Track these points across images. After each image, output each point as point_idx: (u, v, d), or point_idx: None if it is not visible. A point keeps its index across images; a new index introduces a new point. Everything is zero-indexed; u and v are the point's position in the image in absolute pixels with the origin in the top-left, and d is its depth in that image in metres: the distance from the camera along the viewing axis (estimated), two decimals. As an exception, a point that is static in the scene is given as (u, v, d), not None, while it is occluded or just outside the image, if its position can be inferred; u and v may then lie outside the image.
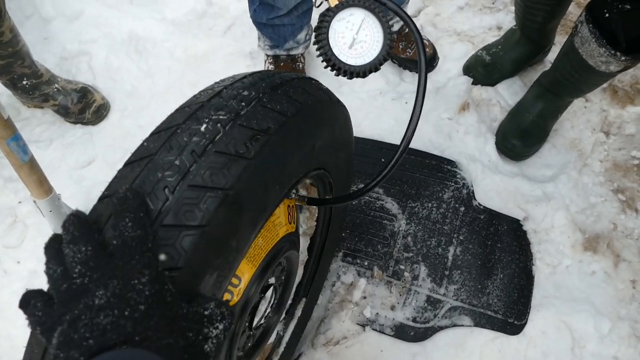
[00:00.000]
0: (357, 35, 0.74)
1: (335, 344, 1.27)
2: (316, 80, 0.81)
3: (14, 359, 1.29)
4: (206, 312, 0.48)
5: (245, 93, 0.65)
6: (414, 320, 1.29)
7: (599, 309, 1.33)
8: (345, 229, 1.40)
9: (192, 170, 0.57)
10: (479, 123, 1.53)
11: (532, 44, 1.55)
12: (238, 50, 1.73)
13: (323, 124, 0.79)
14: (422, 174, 1.47)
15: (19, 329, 1.32)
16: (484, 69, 1.58)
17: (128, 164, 0.61)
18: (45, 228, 1.42)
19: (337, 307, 1.30)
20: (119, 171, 0.61)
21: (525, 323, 1.30)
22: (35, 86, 1.53)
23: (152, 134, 0.64)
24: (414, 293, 1.32)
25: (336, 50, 0.74)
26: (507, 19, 1.76)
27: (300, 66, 1.59)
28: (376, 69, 0.76)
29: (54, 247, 0.53)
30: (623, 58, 1.17)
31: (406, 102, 1.60)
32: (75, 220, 0.53)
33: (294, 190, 0.91)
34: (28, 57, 1.48)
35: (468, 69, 1.62)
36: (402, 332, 1.28)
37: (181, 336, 0.45)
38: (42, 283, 1.36)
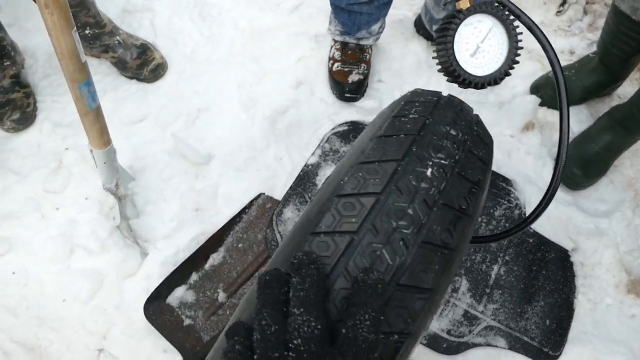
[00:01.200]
0: (482, 43, 0.70)
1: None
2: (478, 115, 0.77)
3: (42, 303, 1.28)
4: None
5: (453, 132, 0.63)
6: (449, 332, 1.27)
7: (635, 354, 1.30)
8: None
9: (425, 223, 0.54)
10: (541, 145, 1.50)
11: (607, 74, 1.50)
12: (303, 31, 1.69)
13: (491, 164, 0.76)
14: (476, 187, 1.44)
15: (51, 275, 1.30)
16: (553, 92, 1.54)
17: (343, 195, 0.56)
18: (91, 179, 1.40)
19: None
20: (330, 201, 0.57)
21: (560, 355, 1.28)
22: (97, 36, 1.50)
23: (363, 163, 0.59)
24: (452, 305, 1.30)
25: (458, 56, 0.71)
26: (580, 45, 1.72)
27: (368, 57, 1.56)
28: (496, 83, 0.73)
29: (276, 290, 0.47)
30: None
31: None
32: (313, 275, 0.47)
33: None
34: (93, 6, 1.45)
35: (537, 89, 1.58)
36: (435, 343, 1.25)
37: None
38: (80, 234, 1.33)
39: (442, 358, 1.26)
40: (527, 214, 1.41)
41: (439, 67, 0.73)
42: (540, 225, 1.42)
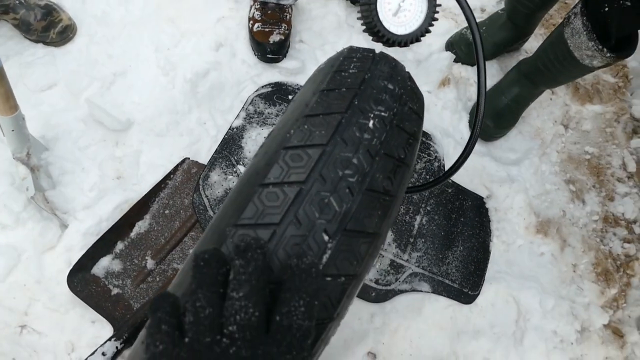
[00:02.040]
0: (403, 3, 0.72)
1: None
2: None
3: None
4: None
5: (390, 87, 0.64)
6: (376, 282, 1.33)
7: (544, 288, 1.43)
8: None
9: (369, 172, 0.56)
10: (457, 100, 1.57)
11: (515, 30, 1.59)
12: (222, -10, 1.64)
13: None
14: (398, 142, 1.49)
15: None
16: (467, 48, 1.61)
17: (290, 147, 0.56)
18: (1, 152, 1.31)
19: (304, 262, 1.30)
20: (278, 153, 0.56)
21: (478, 294, 1.37)
22: (-6, -6, 1.38)
23: (308, 116, 0.60)
24: (379, 256, 1.35)
25: (381, 16, 0.72)
26: (490, 3, 1.80)
27: (288, 17, 1.54)
28: (417, 40, 0.75)
29: (214, 269, 0.44)
30: (608, 55, 1.22)
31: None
32: (259, 260, 0.44)
33: None
34: (-13, -39, 1.34)
35: (451, 46, 1.64)
36: (364, 293, 1.31)
37: None
38: None
39: (370, 306, 1.32)
40: (446, 166, 1.49)
41: (364, 27, 0.74)
42: (458, 175, 1.49)
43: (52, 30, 1.45)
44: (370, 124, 0.59)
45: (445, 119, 1.54)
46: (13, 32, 1.48)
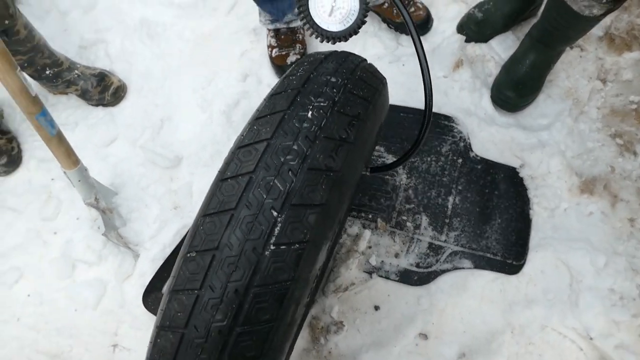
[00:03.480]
0: (334, 3, 0.82)
1: (344, 290, 1.37)
2: (369, 63, 0.90)
3: (57, 317, 1.44)
4: None
5: (333, 80, 0.76)
6: (417, 265, 1.38)
7: (595, 246, 1.39)
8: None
9: (309, 154, 0.67)
10: (474, 79, 1.60)
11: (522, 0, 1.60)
12: (242, 28, 1.82)
13: (385, 102, 0.89)
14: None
15: (60, 291, 1.46)
16: (477, 26, 1.64)
17: (242, 146, 0.70)
18: (78, 201, 1.56)
19: (344, 256, 1.40)
20: (234, 153, 0.70)
21: (524, 263, 1.38)
22: (57, 74, 1.66)
23: (257, 119, 0.73)
24: (416, 241, 1.41)
25: (317, 19, 0.82)
26: (500, -23, 1.80)
27: (301, 37, 1.68)
28: (355, 33, 0.84)
29: None
30: (604, 1, 1.21)
31: (403, 64, 1.67)
32: None
33: None
34: (46, 48, 1.61)
35: (461, 28, 1.68)
36: (407, 277, 1.37)
37: None
38: (78, 250, 1.49)
39: (416, 290, 1.38)
40: (472, 144, 1.52)
41: (309, 32, 0.85)
42: (485, 150, 1.52)
43: (107, 92, 1.70)
44: (309, 114, 0.70)
45: (465, 99, 1.57)
46: (78, 101, 1.75)
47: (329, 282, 1.38)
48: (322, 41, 0.83)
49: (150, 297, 1.39)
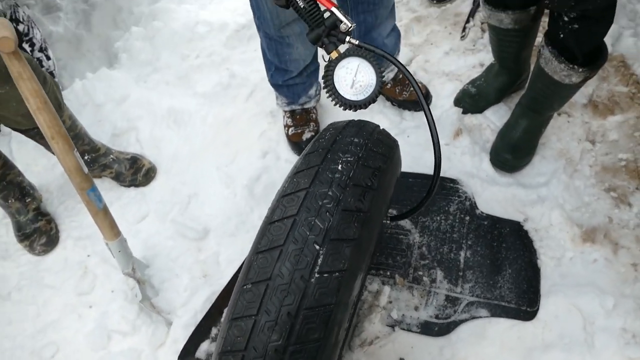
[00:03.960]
0: (355, 77, 0.99)
1: (369, 344, 1.44)
2: (383, 127, 1.06)
3: (93, 387, 1.49)
4: None
5: (356, 140, 0.93)
6: (437, 317, 1.46)
7: (603, 290, 1.47)
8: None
9: (342, 198, 0.81)
10: (473, 145, 1.76)
11: (510, 73, 1.80)
12: (260, 112, 2.02)
13: (399, 159, 1.05)
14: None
15: (96, 363, 1.53)
16: (471, 99, 1.83)
17: (285, 195, 0.84)
18: (113, 275, 1.66)
19: (367, 311, 1.48)
20: (278, 201, 0.84)
21: (537, 309, 1.45)
22: (95, 159, 1.83)
23: (296, 173, 0.87)
24: (433, 294, 1.50)
25: (341, 91, 0.99)
26: (487, 57, 2.03)
27: (314, 116, 1.87)
28: (374, 101, 1.00)
29: None
30: (581, 70, 1.40)
31: (408, 136, 1.84)
32: None
33: None
34: (86, 136, 1.79)
35: (458, 101, 1.87)
36: (428, 329, 1.44)
37: None
38: (113, 321, 1.60)
39: (437, 340, 1.44)
40: (477, 202, 1.65)
41: (333, 103, 1.01)
42: (490, 208, 1.64)
43: (139, 174, 1.86)
44: (339, 167, 0.84)
45: (467, 163, 1.72)
46: (112, 183, 1.91)
47: (355, 337, 1.45)
48: (344, 109, 0.98)
49: (185, 361, 1.45)
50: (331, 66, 0.97)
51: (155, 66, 2.33)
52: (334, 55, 0.99)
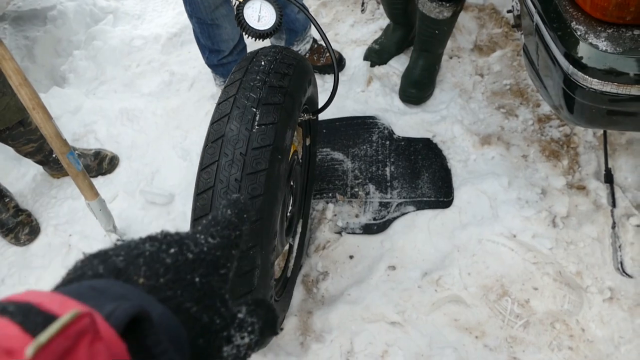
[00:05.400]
0: (260, 13, 1.31)
1: (323, 249, 1.73)
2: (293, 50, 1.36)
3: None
4: (239, 315, 0.42)
5: (270, 54, 1.19)
6: (374, 219, 1.77)
7: (499, 174, 1.83)
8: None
9: (267, 80, 1.10)
10: (383, 87, 2.12)
11: (403, 27, 2.19)
12: (202, 97, 2.32)
13: (308, 72, 1.33)
14: (354, 129, 2.02)
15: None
16: (376, 54, 2.21)
17: (213, 122, 1.10)
18: (95, 245, 1.89)
19: (317, 224, 1.78)
20: (213, 127, 1.10)
21: (452, 199, 1.79)
22: (61, 157, 2.06)
23: (219, 104, 1.13)
24: (369, 203, 1.82)
25: (251, 24, 1.31)
26: (384, 23, 2.42)
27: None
28: (276, 30, 1.32)
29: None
30: (448, 4, 1.79)
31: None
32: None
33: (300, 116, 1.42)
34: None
35: (366, 58, 2.24)
36: (368, 229, 1.75)
37: (207, 313, 0.39)
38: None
39: (377, 237, 1.75)
40: (393, 130, 2.00)
41: (247, 35, 1.32)
42: (405, 133, 2.00)
43: (103, 163, 2.10)
44: (262, 63, 1.15)
45: (381, 102, 2.08)
46: (80, 177, 2.14)
47: (310, 245, 1.74)
48: (255, 39, 1.29)
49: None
50: (240, 7, 1.29)
51: (101, 80, 2.59)
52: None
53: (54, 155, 2.03)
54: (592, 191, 1.81)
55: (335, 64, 1.34)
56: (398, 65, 2.19)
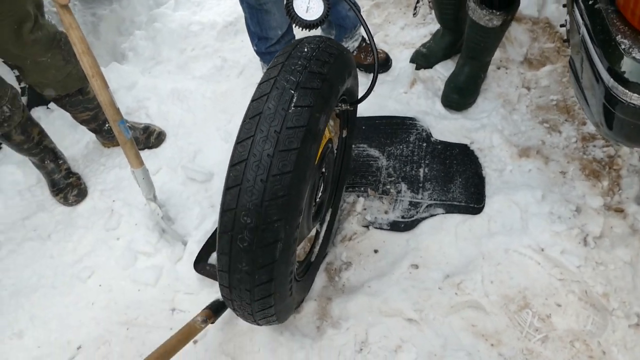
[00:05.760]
0: (309, 4, 1.36)
1: (349, 240, 1.77)
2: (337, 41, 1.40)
3: (125, 297, 1.79)
4: None
5: (312, 45, 1.23)
6: (403, 217, 1.80)
7: (534, 187, 1.82)
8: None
9: (308, 65, 1.15)
10: (426, 91, 2.14)
11: (452, 33, 2.20)
12: (250, 84, 2.40)
13: (349, 64, 1.36)
14: (392, 129, 2.05)
15: (125, 279, 1.84)
16: (423, 57, 2.23)
17: (253, 100, 1.15)
18: (135, 212, 1.99)
19: (346, 216, 1.82)
20: (252, 105, 1.15)
21: (484, 206, 1.79)
22: (113, 128, 2.18)
23: (260, 84, 1.18)
24: (399, 201, 1.84)
25: (299, 14, 1.36)
26: (435, 28, 2.43)
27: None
28: (324, 21, 1.37)
29: None
30: (498, 13, 1.79)
31: (374, 90, 2.22)
32: None
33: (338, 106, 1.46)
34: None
35: (412, 60, 2.26)
36: (396, 226, 1.78)
37: None
38: (138, 245, 1.92)
39: (404, 235, 1.78)
40: (432, 133, 2.01)
41: (295, 25, 1.37)
42: (443, 137, 2.01)
43: (151, 137, 2.21)
44: (305, 49, 1.20)
45: (422, 105, 2.10)
46: (128, 148, 2.26)
47: (337, 235, 1.78)
48: (302, 29, 1.34)
49: (200, 265, 1.77)
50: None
51: (157, 60, 2.72)
52: (292, -10, 1.37)
53: (107, 126, 2.16)
54: (631, 215, 1.77)
55: (375, 55, 1.38)
56: (444, 70, 2.20)
